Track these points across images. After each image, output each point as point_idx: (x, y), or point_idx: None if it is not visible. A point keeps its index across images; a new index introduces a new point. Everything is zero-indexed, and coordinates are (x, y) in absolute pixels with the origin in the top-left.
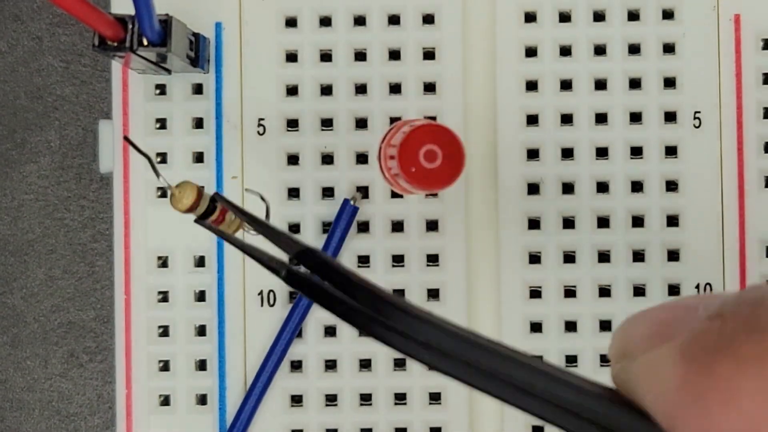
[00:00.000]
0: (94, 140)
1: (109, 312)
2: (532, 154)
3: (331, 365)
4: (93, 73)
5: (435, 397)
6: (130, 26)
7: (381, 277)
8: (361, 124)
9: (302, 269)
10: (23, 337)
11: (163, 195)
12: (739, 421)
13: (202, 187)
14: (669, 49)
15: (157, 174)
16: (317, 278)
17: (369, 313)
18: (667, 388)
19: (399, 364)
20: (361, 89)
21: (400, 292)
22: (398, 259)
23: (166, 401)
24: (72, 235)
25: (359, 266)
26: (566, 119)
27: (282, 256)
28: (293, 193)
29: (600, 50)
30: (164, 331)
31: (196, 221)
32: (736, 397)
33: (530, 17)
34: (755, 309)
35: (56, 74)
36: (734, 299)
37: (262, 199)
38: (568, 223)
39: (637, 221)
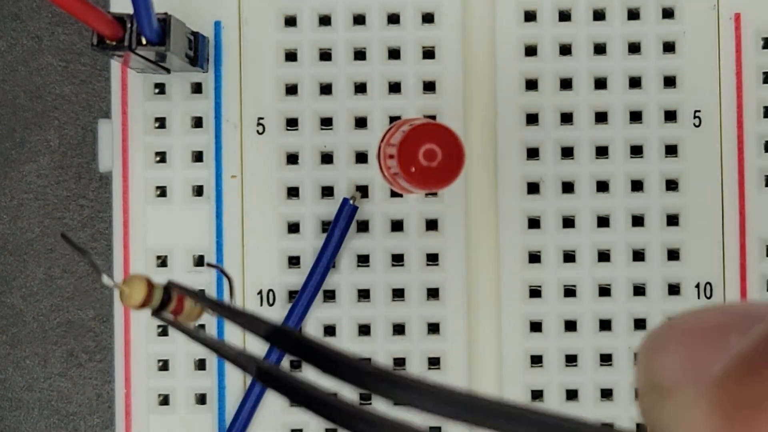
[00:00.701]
0: (94, 140)
1: (109, 311)
2: (532, 153)
3: None
4: (92, 72)
5: None
6: (128, 25)
7: (381, 276)
8: (361, 123)
9: (272, 363)
10: (22, 337)
11: (163, 194)
12: None
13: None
14: (669, 47)
15: (99, 270)
16: (290, 375)
17: (352, 410)
18: None
19: (398, 364)
20: (360, 88)
21: (400, 292)
22: (398, 259)
23: (165, 401)
24: (71, 235)
25: (359, 266)
26: (566, 118)
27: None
28: (293, 192)
29: (600, 49)
30: (163, 331)
31: (153, 315)
32: None
33: (530, 16)
34: None
35: (56, 73)
36: None
37: (224, 273)
38: (568, 223)
39: (637, 220)
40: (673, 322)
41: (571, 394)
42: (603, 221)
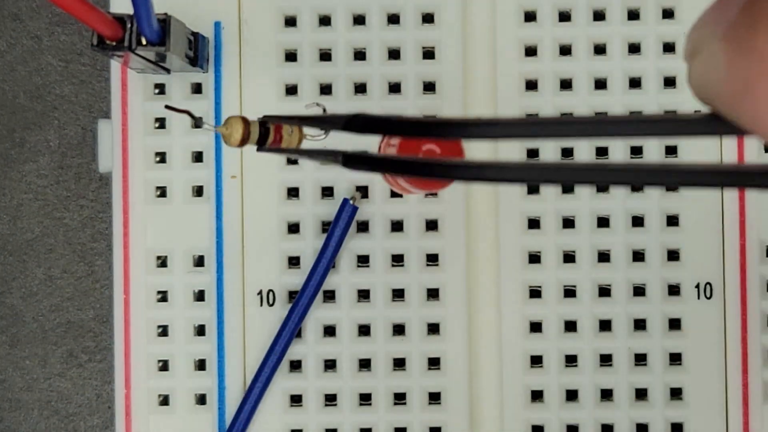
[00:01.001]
0: (94, 140)
1: (108, 311)
2: (532, 153)
3: (330, 365)
4: (92, 72)
5: (434, 397)
6: (128, 25)
7: (381, 277)
8: None
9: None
10: (22, 337)
11: (163, 195)
12: None
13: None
14: (669, 48)
15: (199, 123)
16: (368, 153)
17: (430, 161)
18: (720, 78)
19: (398, 363)
20: (360, 88)
21: (400, 292)
22: (398, 259)
23: (165, 401)
24: (71, 235)
25: (359, 266)
26: None
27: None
28: (293, 192)
29: (599, 49)
30: (163, 331)
31: (258, 150)
32: None
33: (530, 16)
34: None
35: (55, 73)
36: None
37: (317, 104)
38: (568, 223)
39: (637, 221)
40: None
41: (571, 395)
42: (603, 222)
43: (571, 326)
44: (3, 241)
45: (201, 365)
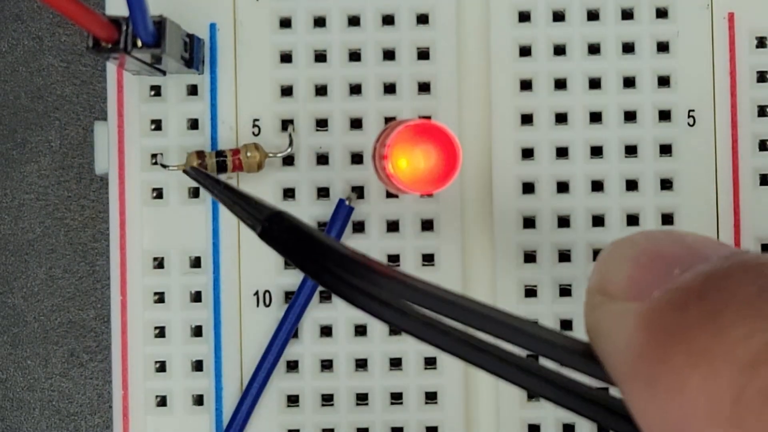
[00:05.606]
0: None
1: (110, 311)
2: (527, 153)
3: (327, 365)
4: (93, 72)
5: (431, 397)
6: (124, 27)
7: None
8: (356, 124)
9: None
10: (24, 337)
11: (159, 196)
12: (680, 412)
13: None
14: (663, 47)
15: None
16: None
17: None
18: (624, 353)
19: (395, 363)
20: (355, 89)
21: None
22: (393, 259)
23: (162, 402)
24: (72, 235)
25: None
26: (560, 118)
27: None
28: (288, 193)
29: (594, 49)
30: (160, 332)
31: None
32: (683, 389)
33: (524, 16)
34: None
35: (57, 74)
36: (716, 276)
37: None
38: (563, 222)
39: (632, 220)
40: (634, 237)
41: None
42: (598, 221)
43: (566, 325)
44: (4, 241)
45: (198, 366)
